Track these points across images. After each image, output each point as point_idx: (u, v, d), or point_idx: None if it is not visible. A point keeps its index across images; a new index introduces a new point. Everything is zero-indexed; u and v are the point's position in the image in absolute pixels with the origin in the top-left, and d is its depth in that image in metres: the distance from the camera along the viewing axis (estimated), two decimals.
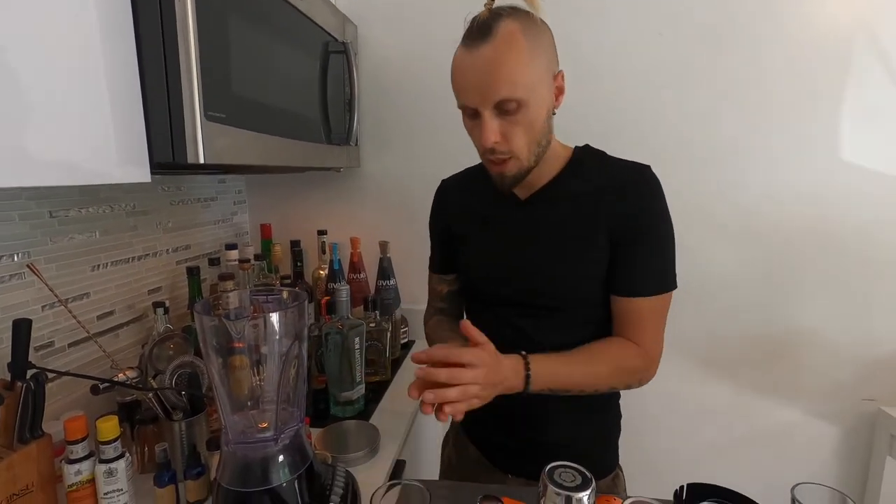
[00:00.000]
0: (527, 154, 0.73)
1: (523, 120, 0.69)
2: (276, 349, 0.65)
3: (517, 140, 0.71)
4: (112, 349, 1.02)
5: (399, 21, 1.40)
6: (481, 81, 0.68)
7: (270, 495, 0.63)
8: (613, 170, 0.79)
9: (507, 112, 0.69)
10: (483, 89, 0.68)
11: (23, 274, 0.87)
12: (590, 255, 0.78)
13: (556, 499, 0.54)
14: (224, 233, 1.47)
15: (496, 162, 0.74)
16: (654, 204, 0.77)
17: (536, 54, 0.68)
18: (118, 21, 0.64)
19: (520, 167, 0.74)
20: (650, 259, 0.77)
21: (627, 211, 0.76)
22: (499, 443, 0.90)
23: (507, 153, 0.72)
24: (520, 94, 0.67)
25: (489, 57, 0.66)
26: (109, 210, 1.04)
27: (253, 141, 0.84)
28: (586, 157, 0.82)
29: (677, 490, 0.72)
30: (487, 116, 0.69)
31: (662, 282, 0.78)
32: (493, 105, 0.68)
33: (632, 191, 0.77)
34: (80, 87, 0.60)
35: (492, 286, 0.85)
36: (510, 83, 0.67)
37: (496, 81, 0.67)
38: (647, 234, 0.77)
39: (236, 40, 0.80)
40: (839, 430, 1.41)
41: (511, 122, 0.70)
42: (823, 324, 1.37)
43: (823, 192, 1.31)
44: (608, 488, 0.88)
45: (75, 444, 0.71)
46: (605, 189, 0.77)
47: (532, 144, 0.73)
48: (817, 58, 1.26)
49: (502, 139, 0.71)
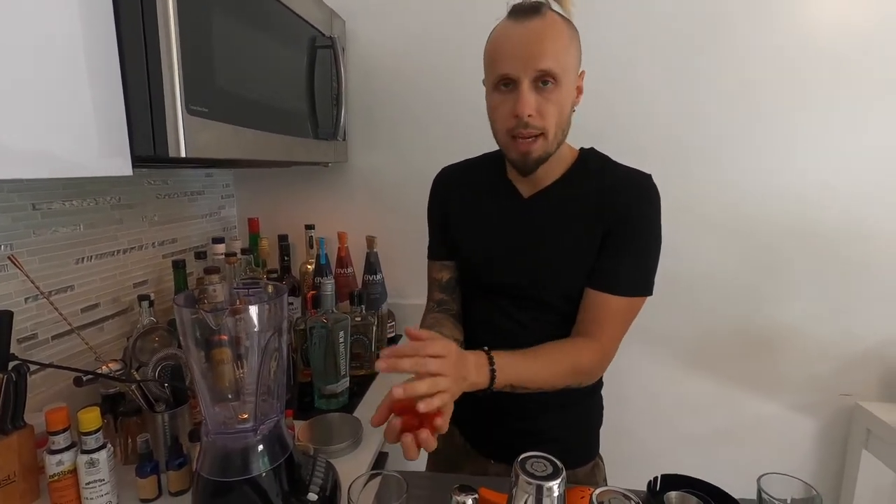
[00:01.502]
0: (553, 135, 0.74)
1: (556, 99, 0.72)
2: (255, 342, 0.65)
3: (550, 117, 0.73)
4: (97, 342, 1.02)
5: (387, 16, 1.40)
6: (529, 50, 0.70)
7: (250, 484, 0.64)
8: (616, 174, 0.81)
9: (544, 86, 0.71)
10: (529, 57, 0.70)
11: (5, 266, 0.87)
12: (589, 255, 0.79)
13: (528, 488, 0.55)
14: (211, 227, 1.47)
15: (525, 137, 0.74)
16: (647, 210, 0.79)
17: (573, 45, 0.73)
18: (99, 12, 0.64)
19: (546, 149, 0.75)
20: (632, 261, 0.79)
21: (621, 212, 0.78)
22: (483, 430, 0.91)
23: (540, 128, 0.73)
24: (559, 70, 0.71)
25: (539, 29, 0.70)
26: (94, 203, 1.04)
27: (237, 135, 0.85)
28: (591, 160, 0.84)
29: (651, 481, 0.73)
30: (525, 87, 0.71)
31: (637, 286, 0.79)
32: (535, 76, 0.71)
33: (629, 194, 0.79)
34: (60, 78, 0.60)
35: (491, 279, 0.86)
36: (555, 56, 0.70)
37: (544, 52, 0.70)
38: (635, 236, 0.79)
39: (220, 34, 0.80)
40: (817, 424, 1.44)
41: (546, 97, 0.72)
42: (803, 320, 1.40)
43: (804, 190, 1.34)
44: (587, 477, 0.90)
45: (57, 434, 0.72)
46: (606, 192, 0.79)
47: (559, 128, 0.74)
48: (803, 57, 1.28)
49: (537, 114, 0.72)
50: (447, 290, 0.95)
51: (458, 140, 1.44)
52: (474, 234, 0.88)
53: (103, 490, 0.73)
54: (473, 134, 1.41)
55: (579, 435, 0.91)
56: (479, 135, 1.40)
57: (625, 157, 0.84)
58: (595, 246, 0.79)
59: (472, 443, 0.93)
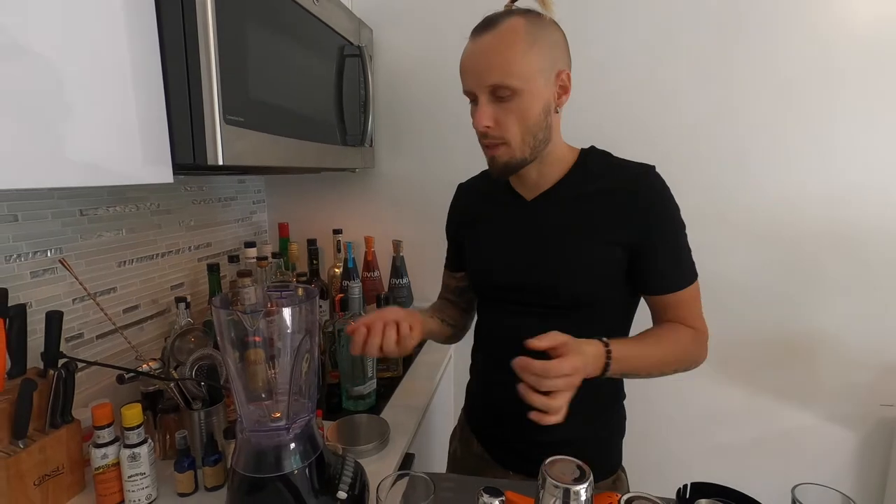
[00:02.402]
0: (519, 143, 0.76)
1: (516, 108, 0.73)
2: (288, 343, 0.68)
3: (510, 127, 0.74)
4: (136, 341, 1.06)
5: (414, 25, 1.42)
6: (478, 66, 0.73)
7: (283, 481, 0.66)
8: (619, 171, 0.81)
9: (500, 98, 0.73)
10: (479, 74, 0.73)
11: (55, 269, 0.92)
12: (595, 256, 0.79)
13: (555, 492, 0.56)
14: (243, 231, 1.52)
15: (489, 146, 0.78)
16: (667, 204, 0.79)
17: (536, 49, 0.72)
18: (143, 27, 0.68)
19: (511, 155, 0.77)
20: (679, 253, 0.80)
21: (642, 214, 0.77)
22: (502, 440, 0.91)
23: (500, 139, 0.76)
24: (513, 82, 0.71)
25: (487, 44, 0.72)
26: (135, 209, 1.09)
27: (270, 143, 0.88)
28: (591, 159, 0.83)
29: (680, 488, 0.72)
30: (482, 101, 0.74)
31: (692, 269, 0.82)
32: (488, 90, 0.73)
33: (644, 194, 0.78)
34: (109, 92, 0.64)
35: (494, 283, 0.87)
36: (504, 70, 0.71)
37: (490, 67, 0.72)
38: (667, 233, 0.79)
39: (254, 46, 0.83)
40: (856, 436, 1.39)
41: (504, 109, 0.73)
42: (840, 326, 1.35)
43: (840, 193, 1.30)
44: (609, 490, 0.89)
45: (102, 429, 0.75)
46: (613, 191, 0.79)
47: (526, 135, 0.75)
48: (835, 56, 1.24)
49: (495, 125, 0.75)
50: (455, 294, 1.03)
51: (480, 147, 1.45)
52: (479, 241, 0.90)
53: (144, 483, 0.77)
54: None
55: (600, 447, 0.89)
56: None
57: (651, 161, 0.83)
58: (603, 246, 0.78)
59: (492, 453, 0.93)
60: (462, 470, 0.99)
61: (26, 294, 0.87)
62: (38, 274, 0.89)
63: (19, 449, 0.71)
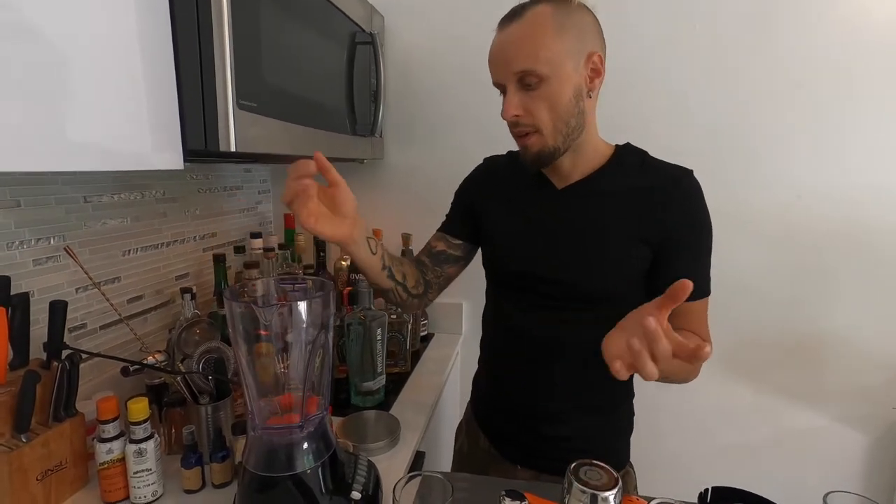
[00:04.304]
0: (551, 130, 0.74)
1: (545, 94, 0.72)
2: (302, 337, 0.65)
3: (540, 114, 0.73)
4: (140, 333, 1.04)
5: (426, 13, 1.39)
6: (506, 55, 0.72)
7: (294, 481, 0.64)
8: (655, 171, 0.79)
9: (528, 86, 0.72)
10: (506, 63, 0.72)
11: (58, 257, 0.89)
12: (620, 253, 0.78)
13: (582, 497, 0.54)
14: (249, 221, 1.49)
15: (519, 135, 0.77)
16: (702, 211, 0.78)
17: (563, 33, 0.70)
18: (155, 9, 0.64)
19: (543, 143, 0.75)
20: (704, 261, 0.79)
21: (676, 216, 0.76)
22: (510, 435, 0.90)
23: (531, 126, 0.74)
24: (540, 68, 0.70)
25: (514, 33, 0.71)
26: (140, 196, 1.06)
27: (282, 130, 0.85)
28: (627, 156, 0.82)
29: (702, 492, 0.71)
30: (510, 90, 0.73)
31: (708, 284, 0.79)
32: (516, 79, 0.72)
33: (681, 196, 0.77)
34: (118, 73, 0.60)
35: (520, 267, 0.84)
36: (530, 56, 0.70)
37: (517, 55, 0.71)
38: (697, 240, 0.78)
39: (267, 29, 0.80)
40: (867, 438, 1.37)
41: (533, 96, 0.72)
42: (852, 327, 1.33)
43: (854, 193, 1.27)
44: None
45: (107, 423, 0.73)
46: (646, 191, 0.77)
47: (558, 122, 0.73)
48: (852, 54, 1.21)
49: (525, 113, 0.73)
50: (432, 258, 0.95)
51: (492, 139, 1.40)
52: (505, 223, 0.87)
53: (150, 479, 0.74)
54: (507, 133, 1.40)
55: (610, 442, 0.89)
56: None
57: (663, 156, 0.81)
58: (629, 245, 0.77)
59: (499, 447, 0.92)
60: (469, 465, 0.97)
61: (28, 283, 0.85)
62: (41, 262, 0.87)
63: (22, 443, 0.69)
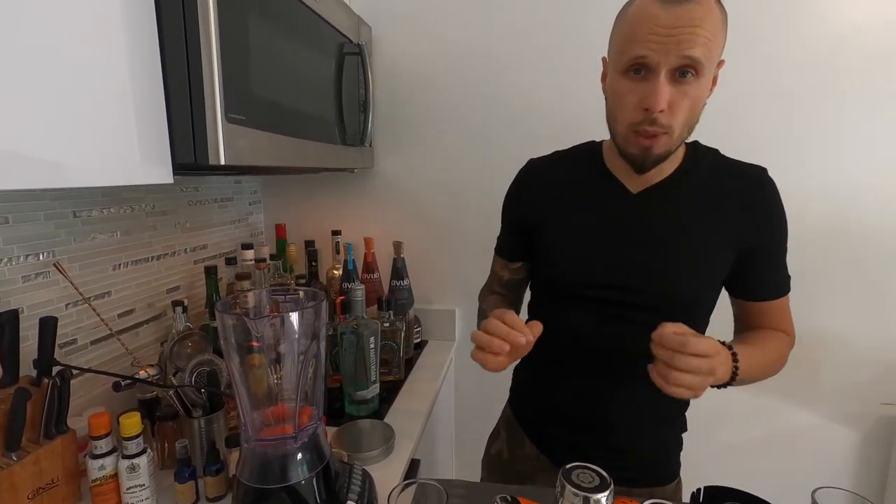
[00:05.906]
0: (679, 135, 0.68)
1: (693, 93, 0.66)
2: (294, 348, 0.65)
3: (679, 115, 0.66)
4: (132, 347, 1.03)
5: (413, 23, 1.40)
6: (679, 34, 0.62)
7: (289, 492, 0.64)
8: (736, 171, 0.78)
9: (680, 80, 0.65)
10: (676, 43, 0.62)
11: (48, 273, 0.88)
12: (710, 257, 0.75)
13: (574, 499, 0.54)
14: (240, 233, 1.49)
15: (649, 135, 0.68)
16: (783, 213, 0.78)
17: (722, 33, 0.66)
18: (142, 24, 0.65)
19: (669, 147, 0.69)
20: (780, 264, 0.81)
21: (763, 218, 0.76)
22: (564, 441, 0.85)
23: (666, 127, 0.67)
24: (705, 60, 0.63)
25: (694, 12, 0.62)
26: (130, 210, 1.06)
27: (271, 142, 0.85)
28: (703, 155, 0.79)
29: (694, 492, 0.71)
30: (663, 79, 0.64)
31: (788, 283, 0.83)
32: (677, 64, 0.64)
33: (763, 200, 0.76)
34: (105, 88, 0.61)
35: (593, 285, 0.78)
36: (704, 46, 0.63)
37: (692, 38, 0.62)
38: (781, 240, 0.80)
39: (255, 43, 0.81)
40: (857, 435, 1.39)
41: (682, 91, 0.65)
42: (842, 325, 1.35)
43: (843, 190, 1.30)
44: (673, 493, 0.86)
45: (99, 439, 0.73)
46: (731, 193, 0.75)
47: (687, 127, 0.69)
48: (840, 53, 1.24)
49: (668, 110, 0.66)
50: (506, 288, 0.93)
51: (484, 147, 1.44)
52: (570, 237, 0.80)
53: (144, 495, 0.74)
54: (499, 141, 1.42)
55: (668, 451, 0.87)
56: (504, 142, 1.41)
57: None
58: (715, 249, 0.75)
59: (550, 455, 0.87)
60: (510, 472, 0.92)
61: (18, 299, 0.84)
62: (31, 278, 0.86)
63: (12, 461, 0.68)
